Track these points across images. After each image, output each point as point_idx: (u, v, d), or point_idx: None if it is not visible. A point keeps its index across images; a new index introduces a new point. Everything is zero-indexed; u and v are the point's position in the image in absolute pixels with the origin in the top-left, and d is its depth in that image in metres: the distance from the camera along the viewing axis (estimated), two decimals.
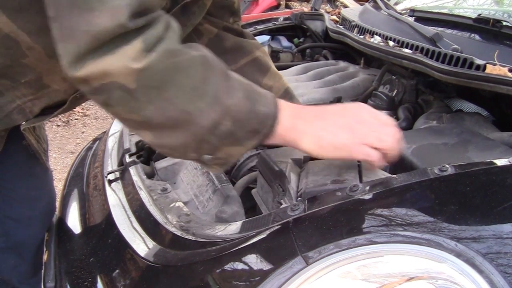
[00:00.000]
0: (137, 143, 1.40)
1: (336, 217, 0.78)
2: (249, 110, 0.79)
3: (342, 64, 1.79)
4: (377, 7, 1.77)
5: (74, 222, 1.29)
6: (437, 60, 1.23)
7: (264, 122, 0.81)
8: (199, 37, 1.24)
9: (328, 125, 0.85)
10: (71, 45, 0.70)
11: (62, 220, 1.34)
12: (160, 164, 1.32)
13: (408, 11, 1.63)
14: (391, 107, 1.41)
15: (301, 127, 0.84)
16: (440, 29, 1.38)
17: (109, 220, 1.14)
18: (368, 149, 0.84)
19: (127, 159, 1.33)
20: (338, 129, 0.84)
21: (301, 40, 2.14)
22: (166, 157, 1.37)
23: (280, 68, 1.79)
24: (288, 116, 0.83)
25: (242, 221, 0.95)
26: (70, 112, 4.24)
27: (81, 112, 4.30)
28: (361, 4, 2.12)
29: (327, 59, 1.93)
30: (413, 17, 1.57)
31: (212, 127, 0.76)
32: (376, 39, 1.50)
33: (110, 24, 0.68)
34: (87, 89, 0.74)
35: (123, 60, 0.70)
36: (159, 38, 0.72)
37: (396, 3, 1.77)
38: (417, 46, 1.32)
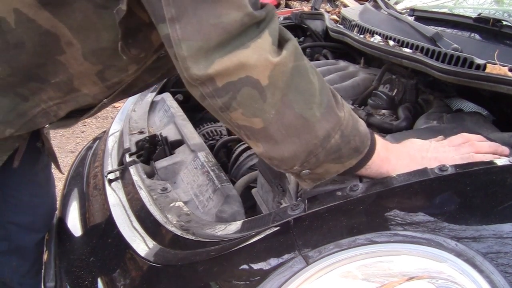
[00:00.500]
0: (137, 143, 1.40)
1: (336, 217, 0.78)
2: (353, 127, 0.80)
3: (342, 63, 1.79)
4: (377, 6, 1.77)
5: (74, 222, 1.29)
6: (437, 59, 1.23)
7: (364, 141, 0.81)
8: None
9: (415, 159, 0.87)
10: (199, 42, 0.68)
11: (62, 220, 1.34)
12: (160, 164, 1.32)
13: (408, 10, 1.63)
14: (391, 106, 1.41)
15: (392, 160, 0.85)
16: (440, 28, 1.38)
17: (109, 219, 1.14)
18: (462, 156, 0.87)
19: (127, 158, 1.33)
20: (422, 161, 0.86)
21: (301, 39, 2.13)
22: (166, 156, 1.37)
23: None
24: (381, 147, 0.85)
25: (242, 220, 0.95)
26: None
27: None
28: (361, 4, 2.11)
29: (327, 58, 1.93)
30: (413, 17, 1.56)
31: (325, 138, 0.76)
32: (376, 39, 1.49)
33: (238, 14, 0.67)
34: (208, 90, 0.71)
35: (260, 53, 0.69)
36: (283, 35, 0.72)
37: (396, 3, 1.77)
38: (417, 46, 1.32)
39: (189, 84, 0.73)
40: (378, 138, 0.85)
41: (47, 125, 1.00)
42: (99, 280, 1.01)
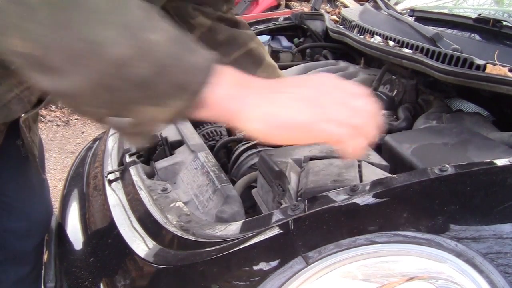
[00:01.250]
0: None
1: (336, 217, 0.78)
2: (175, 56, 0.60)
3: (342, 64, 1.79)
4: (377, 7, 1.77)
5: (74, 222, 1.29)
6: (437, 60, 1.23)
7: (192, 74, 0.61)
8: (191, 31, 1.18)
9: (282, 98, 0.65)
10: None
11: (62, 220, 1.34)
12: (160, 164, 1.32)
13: (408, 11, 1.63)
14: (391, 107, 1.41)
15: (246, 98, 0.64)
16: (440, 29, 1.38)
17: (109, 220, 1.14)
18: (337, 127, 0.66)
19: (127, 159, 1.33)
20: (295, 102, 0.65)
21: (301, 40, 2.14)
22: (166, 157, 1.37)
23: (281, 68, 1.79)
24: (229, 83, 0.64)
25: (242, 221, 0.95)
26: (70, 112, 4.24)
27: None
28: (361, 4, 2.11)
29: (327, 59, 1.93)
30: (413, 17, 1.57)
31: (123, 66, 0.57)
32: (376, 39, 1.49)
33: None
34: None
35: None
36: None
37: (396, 3, 1.77)
38: (417, 46, 1.32)
39: None
40: (231, 72, 0.65)
41: (22, 115, 0.94)
42: (99, 281, 1.01)
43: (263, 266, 0.74)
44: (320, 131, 0.66)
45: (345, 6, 2.31)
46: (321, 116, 0.65)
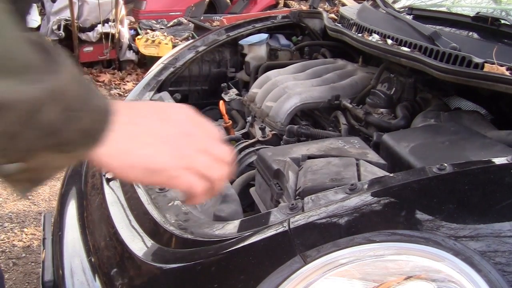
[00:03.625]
0: None
1: (334, 216, 0.78)
2: (83, 99, 0.55)
3: (340, 62, 1.79)
4: (375, 5, 1.77)
5: (72, 221, 1.29)
6: (435, 58, 1.23)
7: (98, 119, 0.57)
8: None
9: (143, 134, 0.61)
10: None
11: (60, 219, 1.34)
12: None
13: (407, 9, 1.63)
14: (389, 105, 1.41)
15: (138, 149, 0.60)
16: (438, 27, 1.38)
17: (107, 219, 1.14)
18: (193, 177, 0.63)
19: None
20: (155, 141, 0.61)
21: (299, 38, 2.13)
22: None
23: (278, 66, 1.79)
24: (126, 127, 0.59)
25: (240, 220, 0.95)
26: None
27: None
28: (359, 3, 2.11)
29: (325, 57, 1.93)
30: (412, 15, 1.57)
31: (29, 113, 0.51)
32: (375, 37, 1.49)
33: None
34: None
35: None
36: None
37: (394, 1, 1.77)
38: (416, 44, 1.32)
39: None
40: (126, 110, 0.60)
41: None
42: (97, 279, 1.01)
43: (261, 265, 0.74)
44: (179, 181, 0.62)
45: (344, 5, 2.31)
46: (180, 162, 0.62)
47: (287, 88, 1.51)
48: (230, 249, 0.81)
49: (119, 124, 0.58)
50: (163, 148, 0.61)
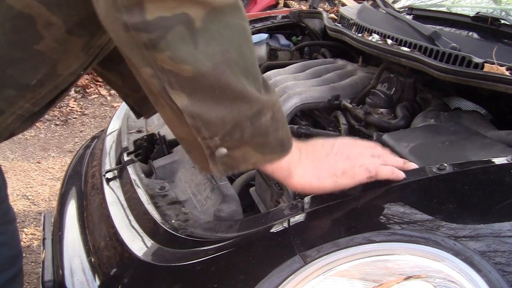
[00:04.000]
0: (135, 142, 1.40)
1: (334, 216, 0.78)
2: (283, 116, 0.74)
3: (340, 62, 1.79)
4: (375, 5, 1.77)
5: (72, 221, 1.29)
6: (435, 58, 1.23)
7: (288, 136, 0.75)
8: None
9: (320, 157, 0.80)
10: None
11: (60, 219, 1.34)
12: (158, 163, 1.32)
13: (406, 9, 1.63)
14: (389, 105, 1.41)
15: (299, 162, 0.79)
16: (438, 27, 1.38)
17: (107, 219, 1.14)
18: (368, 166, 0.81)
19: (125, 157, 1.32)
20: (332, 158, 0.80)
21: (299, 38, 2.13)
22: (164, 155, 1.36)
23: (278, 66, 1.79)
24: (297, 148, 0.79)
25: (240, 220, 0.95)
26: (69, 111, 4.24)
27: (80, 111, 4.29)
28: (359, 3, 2.11)
29: (325, 57, 1.93)
30: (411, 15, 1.57)
31: (257, 113, 0.69)
32: (375, 37, 1.49)
33: None
34: (134, 21, 0.60)
35: None
36: None
37: (394, 1, 1.77)
38: (416, 44, 1.32)
39: (111, 7, 0.60)
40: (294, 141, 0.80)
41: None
42: (97, 279, 1.01)
43: (261, 265, 0.74)
44: (360, 172, 0.79)
45: (343, 5, 2.31)
46: (355, 162, 0.80)
47: (287, 88, 1.51)
48: (230, 249, 0.81)
49: (306, 156, 0.78)
50: (338, 159, 0.80)
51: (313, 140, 0.85)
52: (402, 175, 0.82)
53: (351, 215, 0.78)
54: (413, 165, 0.85)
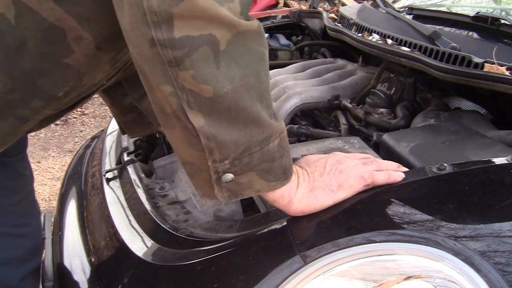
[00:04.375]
0: (135, 142, 1.40)
1: (334, 216, 0.78)
2: (287, 144, 0.76)
3: (340, 62, 1.79)
4: (375, 5, 1.77)
5: (72, 221, 1.29)
6: (435, 58, 1.23)
7: (291, 164, 0.78)
8: None
9: (315, 178, 0.82)
10: None
11: (60, 219, 1.34)
12: (158, 163, 1.32)
13: (406, 9, 1.63)
14: (389, 105, 1.41)
15: (295, 189, 0.80)
16: (438, 27, 1.38)
17: (107, 219, 1.14)
18: (363, 174, 0.82)
19: (125, 157, 1.32)
20: (326, 177, 0.82)
21: (299, 38, 2.13)
22: (164, 155, 1.36)
23: (278, 66, 1.79)
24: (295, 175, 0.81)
25: (240, 219, 0.95)
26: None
27: (80, 111, 4.29)
28: (359, 3, 2.11)
29: (325, 57, 1.93)
30: (411, 15, 1.57)
31: (266, 138, 0.70)
32: (375, 37, 1.49)
33: None
34: (162, 37, 0.60)
35: (232, 14, 0.62)
36: (250, 18, 0.65)
37: (394, 1, 1.77)
38: (415, 44, 1.32)
39: (140, 22, 0.61)
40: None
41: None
42: (97, 279, 1.01)
43: (261, 265, 0.74)
44: (356, 183, 0.81)
45: (343, 4, 2.31)
46: (349, 174, 0.82)
47: (287, 88, 1.51)
48: (230, 249, 0.81)
49: (301, 181, 0.80)
50: (332, 175, 0.82)
51: (306, 159, 0.87)
52: (399, 178, 0.83)
53: (351, 215, 0.78)
54: (404, 169, 0.87)
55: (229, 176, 0.71)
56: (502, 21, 1.25)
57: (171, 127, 0.70)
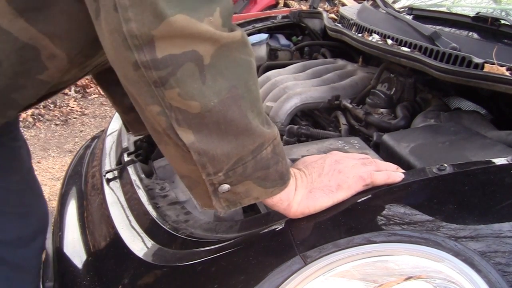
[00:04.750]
0: (135, 142, 1.40)
1: (334, 217, 0.78)
2: (282, 149, 0.75)
3: (340, 62, 1.79)
4: (375, 5, 1.77)
5: (72, 221, 1.29)
6: (435, 58, 1.23)
7: (288, 168, 0.77)
8: None
9: (313, 179, 0.81)
10: None
11: (60, 219, 1.34)
12: (159, 163, 1.32)
13: (406, 9, 1.63)
14: (389, 105, 1.41)
15: (293, 193, 0.80)
16: (438, 27, 1.38)
17: (107, 219, 1.14)
18: (362, 174, 0.82)
19: (126, 158, 1.32)
20: (325, 177, 0.81)
21: (299, 38, 2.13)
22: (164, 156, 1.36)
23: (278, 66, 1.79)
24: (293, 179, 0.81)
25: (241, 220, 0.95)
26: (69, 111, 4.24)
27: (80, 111, 4.30)
28: (359, 3, 2.11)
29: (325, 57, 1.93)
30: (411, 16, 1.57)
31: (258, 147, 0.70)
32: (375, 38, 1.49)
33: None
34: (145, 59, 0.61)
35: (212, 27, 0.61)
36: (233, 27, 0.65)
37: (394, 1, 1.77)
38: (416, 45, 1.32)
39: (121, 46, 0.61)
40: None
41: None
42: (97, 280, 1.01)
43: (261, 265, 0.74)
44: (355, 183, 0.81)
45: (344, 5, 2.31)
46: (348, 175, 0.81)
47: (287, 88, 1.51)
48: (230, 250, 0.81)
49: (300, 184, 0.80)
50: (331, 176, 0.81)
51: (303, 160, 0.87)
52: (399, 178, 0.83)
53: (351, 215, 0.78)
54: (401, 171, 0.87)
55: (226, 186, 0.71)
56: (502, 22, 1.25)
57: (164, 144, 0.71)
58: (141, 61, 0.61)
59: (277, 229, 0.80)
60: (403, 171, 0.87)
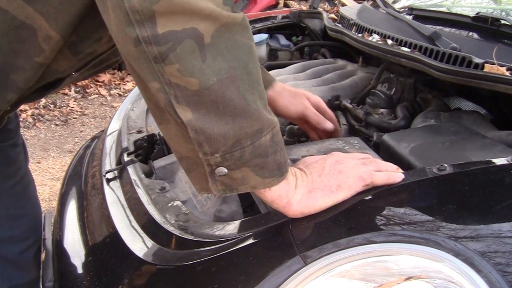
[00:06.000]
0: (135, 142, 1.40)
1: (335, 217, 0.78)
2: (281, 140, 0.75)
3: (340, 62, 1.79)
4: (375, 5, 1.77)
5: (72, 221, 1.29)
6: (435, 58, 1.23)
7: (286, 160, 0.77)
8: None
9: (314, 179, 0.81)
10: None
11: (60, 219, 1.34)
12: (158, 163, 1.32)
13: (407, 9, 1.63)
14: (390, 105, 1.41)
15: (293, 190, 0.80)
16: (438, 27, 1.38)
17: (107, 219, 1.14)
18: (362, 174, 0.82)
19: (125, 158, 1.32)
20: (325, 177, 0.81)
21: (299, 38, 2.13)
22: (164, 155, 1.36)
23: (278, 66, 1.79)
24: (291, 173, 0.80)
25: (241, 220, 0.95)
26: (69, 111, 4.24)
27: (80, 111, 4.29)
28: (359, 3, 2.11)
29: (325, 57, 1.93)
30: (412, 16, 1.57)
31: (257, 132, 0.70)
32: (375, 38, 1.49)
33: None
34: (146, 34, 0.62)
35: (215, 6, 0.63)
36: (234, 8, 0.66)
37: (394, 1, 1.77)
38: (416, 45, 1.32)
39: (123, 22, 0.62)
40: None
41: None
42: (97, 280, 1.01)
43: (261, 265, 0.74)
44: (355, 183, 0.81)
45: (344, 5, 2.31)
46: (348, 175, 0.81)
47: None
48: (230, 250, 0.81)
49: (300, 183, 0.80)
50: (331, 176, 0.81)
51: (304, 160, 0.87)
52: (399, 178, 0.83)
53: (351, 215, 0.78)
54: (402, 171, 0.87)
55: (223, 170, 0.72)
56: (502, 22, 1.25)
57: (166, 122, 0.72)
58: (142, 36, 0.62)
59: (277, 229, 0.80)
60: (403, 171, 0.87)
